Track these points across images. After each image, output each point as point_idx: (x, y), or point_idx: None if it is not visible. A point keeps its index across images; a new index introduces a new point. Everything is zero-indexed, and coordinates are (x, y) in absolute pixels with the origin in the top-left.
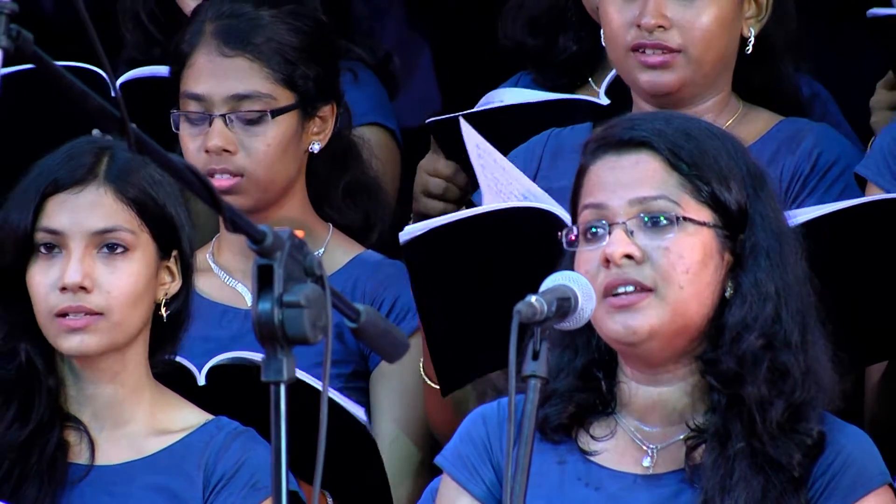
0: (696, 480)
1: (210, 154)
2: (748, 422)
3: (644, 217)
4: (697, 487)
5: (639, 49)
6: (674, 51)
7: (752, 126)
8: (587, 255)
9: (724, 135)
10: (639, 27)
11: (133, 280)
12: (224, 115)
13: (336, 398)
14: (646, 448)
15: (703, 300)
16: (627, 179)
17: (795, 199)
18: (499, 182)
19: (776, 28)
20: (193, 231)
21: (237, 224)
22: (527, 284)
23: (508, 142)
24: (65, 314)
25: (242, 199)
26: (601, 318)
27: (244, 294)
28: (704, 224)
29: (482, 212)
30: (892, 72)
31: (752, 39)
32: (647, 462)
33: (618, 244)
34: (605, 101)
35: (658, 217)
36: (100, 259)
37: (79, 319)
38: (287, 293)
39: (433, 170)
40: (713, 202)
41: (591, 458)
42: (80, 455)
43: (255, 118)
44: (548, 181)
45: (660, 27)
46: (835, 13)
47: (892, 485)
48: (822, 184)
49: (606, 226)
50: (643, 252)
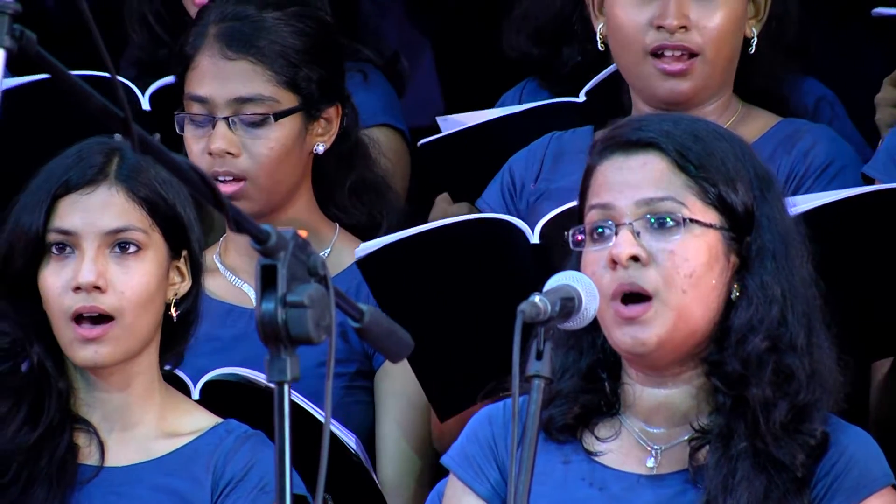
0: (700, 481)
1: (213, 156)
2: (752, 422)
3: (650, 218)
4: (701, 488)
5: (658, 52)
6: (693, 53)
7: (752, 126)
8: (593, 256)
9: (732, 137)
10: (658, 28)
11: (146, 280)
12: (227, 118)
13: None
14: (650, 449)
15: (708, 303)
16: (634, 180)
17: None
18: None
19: (777, 29)
20: (202, 231)
21: (240, 224)
22: (495, 298)
23: (497, 156)
24: (79, 316)
25: (248, 204)
26: (609, 326)
27: (250, 294)
28: (711, 226)
29: (437, 226)
30: None
31: (755, 39)
32: (651, 462)
33: (624, 245)
34: (581, 99)
35: (664, 218)
36: (112, 259)
37: (93, 329)
38: (290, 293)
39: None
40: (720, 204)
41: (596, 459)
42: (90, 457)
43: (258, 121)
44: (548, 183)
45: (682, 28)
46: (838, 13)
47: None
48: (818, 185)
49: (613, 226)
50: (649, 254)
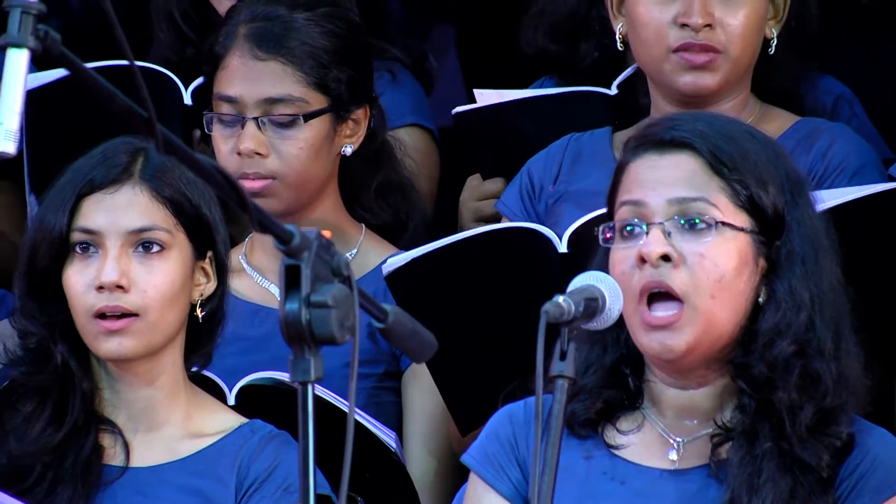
0: (722, 476)
1: (242, 157)
2: (777, 424)
3: (681, 219)
4: (723, 484)
5: (683, 50)
6: (718, 51)
7: (769, 126)
8: (623, 254)
9: (766, 139)
10: (682, 27)
11: (169, 279)
12: (256, 119)
13: (367, 424)
14: (672, 441)
15: (736, 308)
16: (667, 178)
17: None
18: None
19: (796, 29)
20: (227, 232)
21: (264, 225)
22: (524, 308)
23: (521, 139)
24: (102, 314)
25: (274, 202)
26: (636, 329)
27: (276, 294)
28: (742, 230)
29: (464, 237)
30: None
31: (775, 40)
32: (674, 455)
33: (655, 244)
34: (613, 91)
35: (695, 220)
36: (136, 258)
37: (116, 322)
38: (314, 293)
39: (481, 193)
40: (751, 207)
41: (617, 453)
42: (115, 457)
43: (288, 122)
44: (567, 184)
45: (707, 26)
46: (855, 10)
47: None
48: (837, 184)
49: (644, 225)
50: (679, 254)
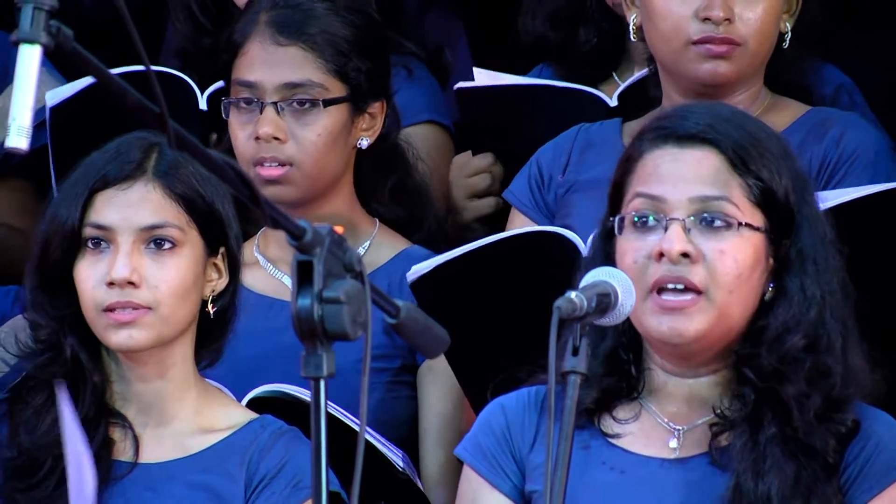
0: (725, 462)
1: (260, 142)
2: (782, 412)
3: (702, 217)
4: (725, 471)
5: (704, 42)
6: (738, 44)
7: (781, 115)
8: (635, 244)
9: (778, 136)
10: (703, 20)
11: (181, 276)
12: (276, 103)
13: (375, 443)
14: (672, 430)
15: (748, 303)
16: (689, 174)
17: (824, 189)
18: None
19: (806, 22)
20: (240, 227)
21: (276, 220)
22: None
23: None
24: (112, 310)
25: (291, 190)
26: (644, 314)
27: (290, 285)
28: (758, 229)
29: (488, 242)
30: None
31: (789, 34)
32: (675, 443)
33: (676, 241)
34: (613, 103)
35: (715, 218)
36: (147, 255)
37: (127, 314)
38: (327, 289)
39: (472, 169)
40: (766, 206)
41: (615, 442)
42: (124, 452)
43: (307, 107)
44: (576, 174)
45: (726, 20)
46: (854, 1)
47: None
48: (851, 172)
49: (662, 219)
50: (699, 251)
